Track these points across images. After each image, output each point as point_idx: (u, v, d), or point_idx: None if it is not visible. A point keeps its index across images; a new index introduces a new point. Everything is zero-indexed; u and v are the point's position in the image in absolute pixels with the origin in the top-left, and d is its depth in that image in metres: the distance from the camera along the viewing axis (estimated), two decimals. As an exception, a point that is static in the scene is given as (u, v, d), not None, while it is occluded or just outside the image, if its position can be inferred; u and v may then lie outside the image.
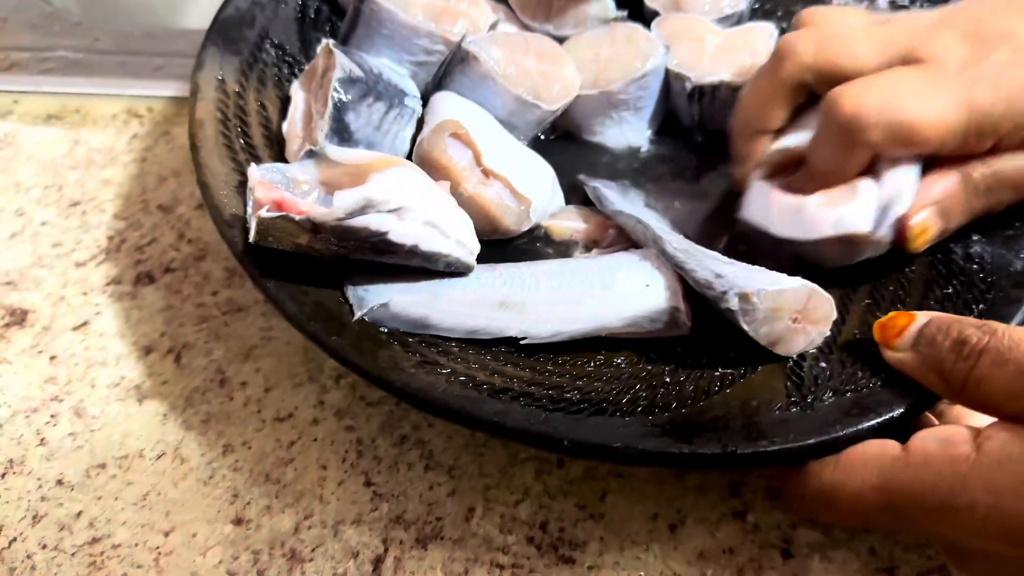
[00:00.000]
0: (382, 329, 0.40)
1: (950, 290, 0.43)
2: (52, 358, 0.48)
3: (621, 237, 0.47)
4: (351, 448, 0.44)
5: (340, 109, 0.45)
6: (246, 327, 0.48)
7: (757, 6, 0.56)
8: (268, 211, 0.38)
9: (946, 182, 0.41)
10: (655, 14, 0.53)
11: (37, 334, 0.48)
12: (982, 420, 0.38)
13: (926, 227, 0.42)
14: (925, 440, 0.34)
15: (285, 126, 0.47)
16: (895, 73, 0.41)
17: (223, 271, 0.51)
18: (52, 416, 0.45)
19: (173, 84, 0.61)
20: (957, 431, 0.34)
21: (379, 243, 0.39)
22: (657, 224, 0.45)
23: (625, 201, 0.47)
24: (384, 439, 0.44)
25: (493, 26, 0.51)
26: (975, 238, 0.44)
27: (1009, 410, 0.34)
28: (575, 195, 0.49)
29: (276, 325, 0.48)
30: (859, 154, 0.41)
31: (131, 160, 0.58)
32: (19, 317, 0.49)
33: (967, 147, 0.41)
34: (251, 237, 0.39)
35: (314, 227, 0.38)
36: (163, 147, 0.58)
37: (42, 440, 0.44)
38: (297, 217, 0.37)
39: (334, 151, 0.43)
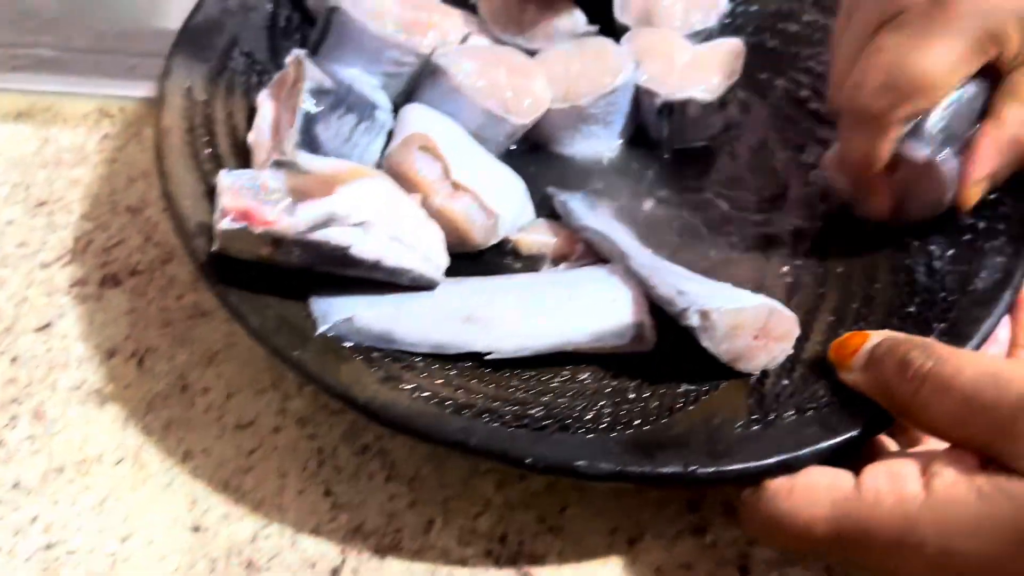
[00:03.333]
0: (345, 344, 0.40)
1: (912, 309, 0.43)
2: (13, 359, 0.47)
3: (590, 252, 0.46)
4: (312, 457, 0.44)
5: (309, 121, 0.44)
6: (210, 331, 0.48)
7: (728, 22, 0.56)
8: (233, 220, 0.38)
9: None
10: (626, 29, 0.54)
11: (-1, 335, 0.48)
12: (938, 441, 0.38)
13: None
14: (876, 477, 0.34)
15: (251, 136, 0.47)
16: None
17: (189, 274, 0.50)
18: (12, 418, 0.45)
19: (146, 84, 0.60)
20: (906, 466, 0.34)
21: (341, 257, 0.39)
22: (623, 239, 0.45)
23: (593, 214, 0.47)
24: (346, 448, 0.44)
25: (464, 39, 0.51)
26: (938, 254, 0.45)
27: (953, 437, 0.34)
28: (546, 207, 0.49)
29: (240, 331, 0.47)
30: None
31: (101, 160, 0.57)
32: (-19, 317, 0.49)
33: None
34: (215, 246, 0.38)
35: (275, 240, 0.38)
36: (134, 147, 0.58)
37: (0, 443, 0.44)
38: (258, 230, 0.37)
39: (305, 159, 0.43)
